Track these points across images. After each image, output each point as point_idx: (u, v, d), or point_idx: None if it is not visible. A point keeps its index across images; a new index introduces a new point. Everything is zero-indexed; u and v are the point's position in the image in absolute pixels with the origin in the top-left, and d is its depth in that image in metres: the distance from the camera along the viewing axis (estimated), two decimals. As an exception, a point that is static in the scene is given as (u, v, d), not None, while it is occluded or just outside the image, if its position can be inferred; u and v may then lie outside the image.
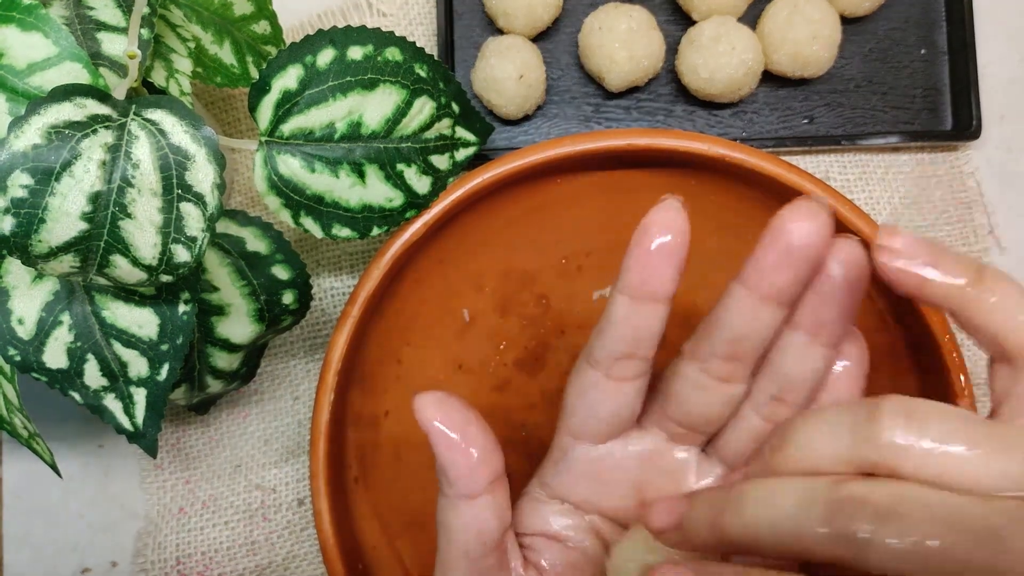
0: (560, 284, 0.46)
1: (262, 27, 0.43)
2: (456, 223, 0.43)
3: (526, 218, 0.45)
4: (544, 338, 0.47)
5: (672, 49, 0.49)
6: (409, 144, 0.39)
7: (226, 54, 0.42)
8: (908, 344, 0.42)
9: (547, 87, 0.49)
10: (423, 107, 0.39)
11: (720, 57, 0.45)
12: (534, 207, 0.44)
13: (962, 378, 0.40)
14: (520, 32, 0.48)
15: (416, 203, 0.40)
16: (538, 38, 0.49)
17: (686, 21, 0.49)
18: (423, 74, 0.39)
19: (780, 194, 0.42)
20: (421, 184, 0.40)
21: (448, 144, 0.41)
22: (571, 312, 0.47)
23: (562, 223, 0.45)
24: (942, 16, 0.50)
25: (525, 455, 0.46)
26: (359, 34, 0.37)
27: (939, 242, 0.31)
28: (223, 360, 0.40)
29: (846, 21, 0.49)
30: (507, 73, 0.46)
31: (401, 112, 0.38)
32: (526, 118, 0.49)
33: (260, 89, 0.36)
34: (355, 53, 0.37)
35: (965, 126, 0.48)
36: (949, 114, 0.49)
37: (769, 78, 0.49)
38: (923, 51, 0.50)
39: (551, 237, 0.46)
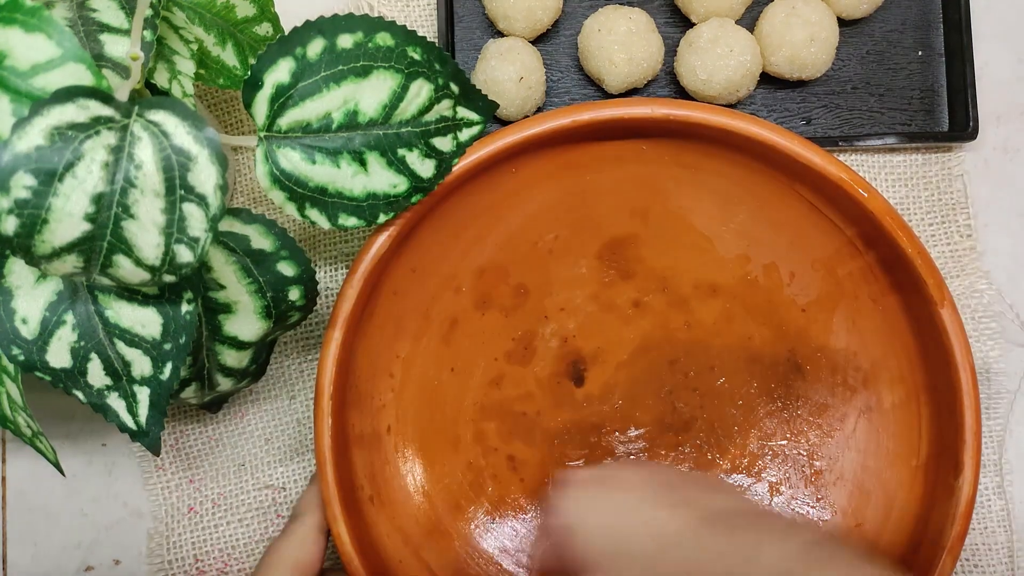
0: (534, 270, 0.46)
1: (264, 29, 0.43)
2: (421, 230, 0.42)
3: (488, 212, 0.44)
4: (529, 326, 0.47)
5: (671, 51, 0.49)
6: (409, 128, 0.38)
7: (229, 56, 0.42)
8: (883, 265, 0.43)
9: (547, 89, 0.49)
10: (420, 90, 0.38)
11: (718, 59, 0.45)
12: (494, 201, 0.44)
13: (940, 288, 0.40)
14: (520, 34, 0.48)
15: (421, 187, 0.39)
16: (538, 40, 0.50)
17: (685, 23, 0.49)
18: (417, 57, 0.38)
19: (705, 138, 0.42)
20: (425, 168, 0.39)
21: (450, 125, 0.40)
22: (550, 296, 0.47)
23: (524, 210, 0.45)
24: (939, 18, 0.50)
25: (529, 443, 0.46)
26: (347, 21, 0.37)
27: None
28: (232, 358, 0.41)
29: (843, 23, 0.49)
30: (507, 75, 0.46)
31: (398, 97, 0.38)
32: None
33: (252, 85, 0.36)
34: (345, 41, 0.37)
35: (962, 127, 0.48)
36: (946, 115, 0.49)
37: (767, 80, 0.49)
38: (920, 53, 0.50)
39: (515, 226, 0.45)
